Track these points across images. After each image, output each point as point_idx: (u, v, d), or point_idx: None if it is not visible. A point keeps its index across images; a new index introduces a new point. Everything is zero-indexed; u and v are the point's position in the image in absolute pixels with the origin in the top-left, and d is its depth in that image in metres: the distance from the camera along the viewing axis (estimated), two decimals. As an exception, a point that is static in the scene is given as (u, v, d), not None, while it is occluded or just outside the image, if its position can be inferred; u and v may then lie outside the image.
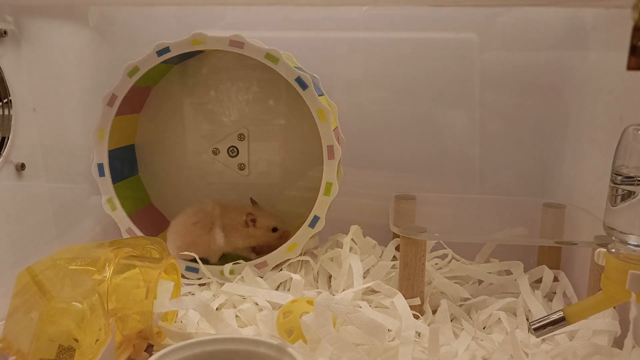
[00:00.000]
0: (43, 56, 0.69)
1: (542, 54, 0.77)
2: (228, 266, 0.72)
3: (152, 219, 0.82)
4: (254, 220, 0.74)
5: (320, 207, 0.70)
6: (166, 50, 0.68)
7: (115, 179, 0.74)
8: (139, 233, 0.74)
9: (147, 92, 0.80)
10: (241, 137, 0.81)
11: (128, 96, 0.71)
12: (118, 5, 0.81)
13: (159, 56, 0.68)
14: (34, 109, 0.67)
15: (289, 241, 0.72)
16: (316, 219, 0.70)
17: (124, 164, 0.79)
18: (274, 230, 0.74)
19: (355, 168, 0.81)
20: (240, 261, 0.73)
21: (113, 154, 0.74)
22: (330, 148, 0.68)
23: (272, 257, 0.72)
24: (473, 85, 0.79)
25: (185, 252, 0.71)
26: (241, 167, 0.81)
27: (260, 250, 0.75)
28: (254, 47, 0.67)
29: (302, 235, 0.71)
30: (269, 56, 0.67)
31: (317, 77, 0.73)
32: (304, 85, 0.67)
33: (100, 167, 0.73)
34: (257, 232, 0.74)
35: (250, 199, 0.78)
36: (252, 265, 0.72)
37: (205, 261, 0.74)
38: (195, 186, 0.83)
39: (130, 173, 0.81)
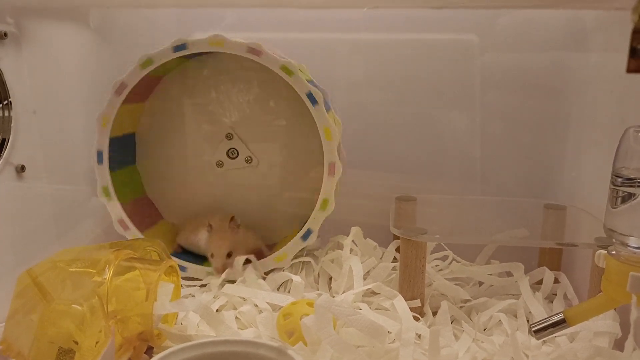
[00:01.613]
0: (43, 58, 0.69)
1: (543, 56, 0.77)
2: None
3: (144, 211, 0.81)
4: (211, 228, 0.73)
5: (315, 222, 0.70)
6: (183, 47, 0.68)
7: (113, 167, 0.74)
8: (130, 225, 0.74)
9: (157, 81, 0.80)
10: (242, 138, 0.80)
11: (138, 84, 0.71)
12: (118, 7, 0.80)
13: (174, 52, 0.69)
14: (34, 111, 0.67)
15: (278, 250, 0.72)
16: (309, 232, 0.71)
17: (123, 152, 0.79)
18: (212, 256, 0.72)
19: (356, 169, 0.81)
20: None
21: (113, 142, 0.74)
22: (332, 165, 0.69)
23: (261, 265, 0.72)
24: (474, 86, 0.79)
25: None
26: (243, 163, 0.81)
27: None
28: (272, 58, 0.67)
29: (293, 247, 0.71)
30: (284, 68, 0.67)
31: (326, 91, 0.73)
32: (314, 101, 0.67)
33: (99, 154, 0.73)
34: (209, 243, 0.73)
35: (232, 217, 0.75)
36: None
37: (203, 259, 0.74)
38: (191, 181, 0.83)
39: (128, 162, 0.81)
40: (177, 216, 0.84)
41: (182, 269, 0.73)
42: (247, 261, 0.72)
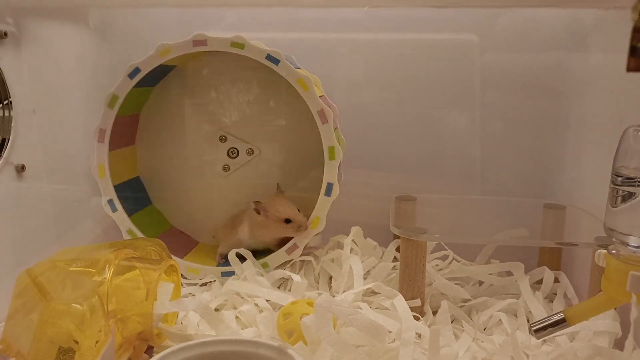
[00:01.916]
0: (43, 57, 0.69)
1: (543, 55, 0.77)
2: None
3: (176, 240, 0.82)
4: (259, 210, 0.71)
5: (330, 173, 0.69)
6: (137, 70, 0.68)
7: (130, 212, 0.75)
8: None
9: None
10: (241, 140, 0.81)
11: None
12: (118, 7, 0.81)
13: (131, 79, 0.69)
14: (34, 110, 0.67)
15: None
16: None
17: (135, 195, 0.80)
18: (287, 221, 0.70)
19: (356, 169, 0.81)
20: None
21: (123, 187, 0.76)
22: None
23: (273, 259, 0.72)
24: (473, 86, 0.79)
25: None
26: (246, 157, 0.81)
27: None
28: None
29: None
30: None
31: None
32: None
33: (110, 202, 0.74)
34: (269, 223, 0.71)
35: (277, 185, 0.76)
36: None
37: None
38: (195, 187, 0.83)
39: (145, 204, 0.82)
40: (185, 224, 0.84)
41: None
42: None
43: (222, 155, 0.81)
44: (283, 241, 0.73)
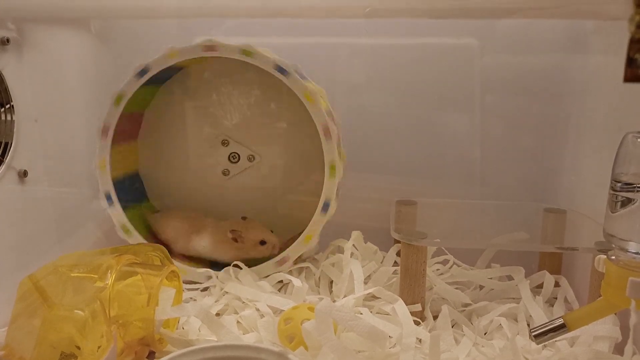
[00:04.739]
0: (45, 63, 0.69)
1: (543, 59, 0.77)
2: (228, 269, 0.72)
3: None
4: (237, 237, 0.74)
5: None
6: (145, 70, 0.69)
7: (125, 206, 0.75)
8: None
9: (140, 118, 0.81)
10: (244, 145, 0.81)
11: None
12: (118, 19, 0.81)
13: (139, 78, 0.69)
14: (36, 120, 0.67)
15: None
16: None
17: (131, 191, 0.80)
18: (262, 243, 0.73)
19: (357, 173, 0.81)
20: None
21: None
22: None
23: (262, 269, 0.72)
24: (474, 90, 0.79)
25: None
26: (247, 163, 0.81)
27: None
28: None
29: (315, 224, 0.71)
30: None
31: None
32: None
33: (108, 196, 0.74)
34: (244, 247, 0.74)
35: (242, 217, 0.78)
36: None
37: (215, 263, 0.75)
38: (194, 188, 0.83)
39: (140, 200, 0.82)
40: None
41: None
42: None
43: (223, 159, 0.81)
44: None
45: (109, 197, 0.74)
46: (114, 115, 0.71)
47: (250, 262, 0.73)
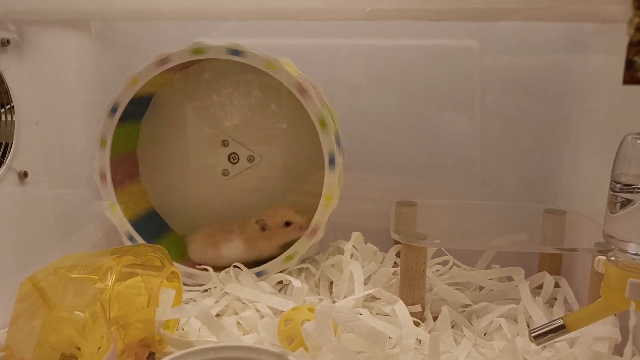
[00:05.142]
0: (46, 64, 0.70)
1: (543, 60, 0.77)
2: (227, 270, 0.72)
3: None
4: (264, 225, 0.74)
5: (302, 247, 0.71)
6: (236, 52, 0.68)
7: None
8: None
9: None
10: (243, 143, 0.81)
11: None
12: (119, 20, 0.81)
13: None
14: (36, 122, 0.68)
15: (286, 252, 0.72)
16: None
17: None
18: (287, 224, 0.73)
19: (357, 174, 0.81)
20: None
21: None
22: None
23: (298, 246, 0.72)
24: (474, 91, 0.79)
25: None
26: (246, 164, 0.81)
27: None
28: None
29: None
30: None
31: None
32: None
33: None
34: (271, 234, 0.73)
35: (256, 221, 0.77)
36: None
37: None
38: (196, 191, 0.84)
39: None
40: (184, 227, 0.84)
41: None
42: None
43: (223, 159, 0.81)
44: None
45: (131, 238, 0.74)
46: (104, 159, 0.72)
47: (260, 262, 0.74)
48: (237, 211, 0.82)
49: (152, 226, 0.80)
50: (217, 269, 0.73)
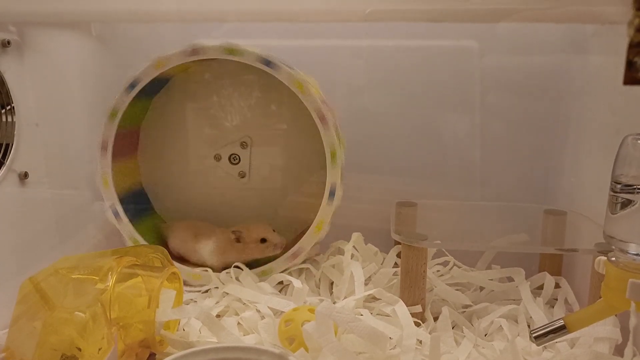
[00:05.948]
0: (46, 65, 0.70)
1: (543, 61, 0.77)
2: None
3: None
4: (239, 237, 0.74)
5: (333, 177, 0.70)
6: (135, 83, 0.69)
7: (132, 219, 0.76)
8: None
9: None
10: (243, 144, 0.81)
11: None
12: (119, 22, 0.81)
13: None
14: (37, 123, 0.68)
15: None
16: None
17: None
18: (263, 241, 0.73)
19: (357, 174, 0.81)
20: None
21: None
22: (321, 115, 0.68)
23: (276, 264, 0.72)
24: (474, 92, 0.80)
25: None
26: (242, 174, 0.82)
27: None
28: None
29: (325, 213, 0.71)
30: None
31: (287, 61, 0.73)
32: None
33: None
34: (245, 247, 0.74)
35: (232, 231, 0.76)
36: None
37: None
38: (197, 193, 0.84)
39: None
40: (168, 211, 0.85)
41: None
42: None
43: (224, 161, 0.82)
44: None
45: (115, 212, 0.74)
46: (111, 130, 0.72)
47: (264, 261, 0.74)
48: (227, 211, 0.82)
49: (137, 205, 0.80)
50: (190, 263, 0.76)
